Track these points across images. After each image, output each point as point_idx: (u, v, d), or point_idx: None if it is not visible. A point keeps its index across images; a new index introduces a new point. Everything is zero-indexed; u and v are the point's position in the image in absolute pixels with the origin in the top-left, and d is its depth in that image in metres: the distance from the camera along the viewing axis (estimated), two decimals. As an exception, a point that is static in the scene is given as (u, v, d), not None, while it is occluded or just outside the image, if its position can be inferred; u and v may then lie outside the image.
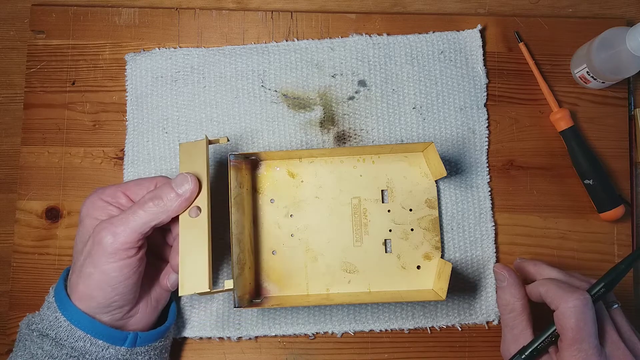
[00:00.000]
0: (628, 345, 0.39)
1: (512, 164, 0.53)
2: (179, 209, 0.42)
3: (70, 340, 0.39)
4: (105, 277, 0.39)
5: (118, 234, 0.39)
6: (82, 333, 0.40)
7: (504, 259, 0.52)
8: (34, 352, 0.39)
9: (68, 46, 0.54)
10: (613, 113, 0.54)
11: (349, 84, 0.53)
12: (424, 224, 0.50)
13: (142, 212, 0.40)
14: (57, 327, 0.40)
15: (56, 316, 0.40)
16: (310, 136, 0.53)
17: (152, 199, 0.41)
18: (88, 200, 0.43)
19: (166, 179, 0.44)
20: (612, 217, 0.51)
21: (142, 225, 0.40)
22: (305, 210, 0.50)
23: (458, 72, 0.53)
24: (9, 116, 0.55)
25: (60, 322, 0.40)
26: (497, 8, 0.56)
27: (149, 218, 0.40)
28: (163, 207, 0.41)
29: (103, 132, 0.53)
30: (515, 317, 0.43)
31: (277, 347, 0.50)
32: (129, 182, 0.44)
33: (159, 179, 0.44)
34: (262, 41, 0.54)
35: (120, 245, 0.39)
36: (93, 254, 0.40)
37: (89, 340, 0.40)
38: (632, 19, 0.56)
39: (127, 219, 0.40)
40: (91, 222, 0.42)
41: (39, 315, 0.41)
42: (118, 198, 0.43)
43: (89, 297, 0.40)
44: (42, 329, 0.40)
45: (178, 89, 0.53)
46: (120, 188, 0.43)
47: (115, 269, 0.39)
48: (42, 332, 0.40)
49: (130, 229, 0.39)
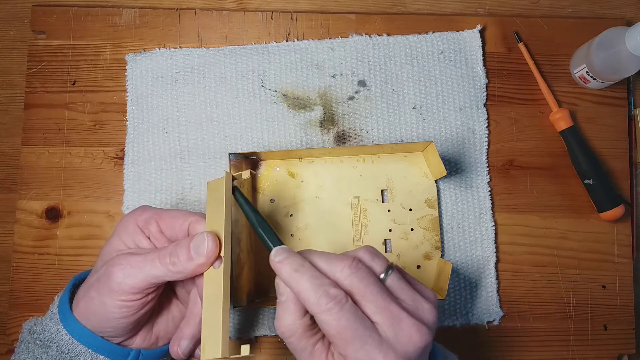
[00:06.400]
0: (411, 311, 0.33)
1: (512, 164, 0.53)
2: (195, 271, 0.38)
3: (71, 354, 0.39)
4: (103, 309, 0.38)
5: (129, 276, 0.37)
6: (83, 348, 0.39)
7: (504, 258, 0.52)
8: (38, 356, 0.39)
9: (68, 46, 0.54)
10: (613, 113, 0.54)
11: (349, 84, 0.53)
12: (424, 223, 0.50)
13: (160, 264, 0.37)
14: (58, 340, 0.39)
15: (58, 329, 0.39)
16: (310, 136, 0.53)
17: (171, 255, 0.38)
18: (125, 218, 0.41)
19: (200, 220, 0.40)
20: (612, 217, 0.51)
21: (155, 277, 0.37)
22: (305, 210, 0.50)
23: (458, 72, 0.53)
24: (9, 116, 0.55)
25: (62, 335, 0.39)
26: (496, 8, 0.57)
27: (164, 273, 0.37)
28: (180, 267, 0.37)
29: (103, 132, 0.53)
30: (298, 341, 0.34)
31: (277, 347, 0.50)
32: (165, 212, 0.41)
33: (193, 219, 0.40)
34: (262, 41, 0.54)
35: (128, 288, 0.37)
36: (101, 282, 0.38)
37: (90, 355, 0.39)
38: (632, 19, 0.56)
39: (144, 265, 0.37)
40: (117, 243, 0.40)
41: (41, 324, 0.41)
42: (150, 226, 0.40)
43: (86, 318, 0.39)
44: (44, 339, 0.40)
45: (178, 89, 0.53)
46: (156, 216, 0.41)
47: (115, 306, 0.38)
48: (44, 342, 0.40)
49: (143, 276, 0.37)
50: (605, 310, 0.52)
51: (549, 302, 0.52)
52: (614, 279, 0.52)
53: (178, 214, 0.41)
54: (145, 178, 0.52)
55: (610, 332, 0.52)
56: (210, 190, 0.41)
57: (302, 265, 0.34)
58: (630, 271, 0.52)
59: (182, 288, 0.44)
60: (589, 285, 0.52)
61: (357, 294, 0.33)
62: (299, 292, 0.33)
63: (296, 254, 0.35)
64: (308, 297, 0.32)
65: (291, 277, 0.33)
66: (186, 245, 0.38)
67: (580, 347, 0.51)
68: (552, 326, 0.51)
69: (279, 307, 0.35)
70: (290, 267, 0.34)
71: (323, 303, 0.32)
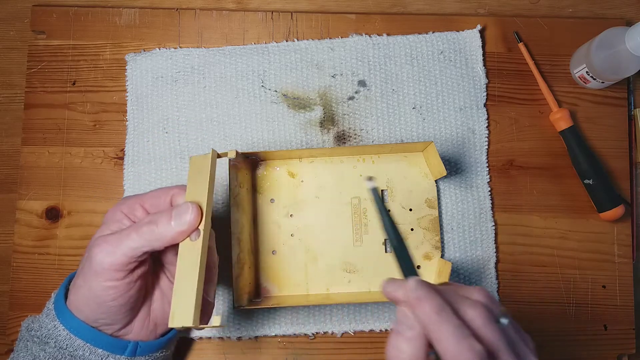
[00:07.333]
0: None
1: (512, 164, 0.53)
2: (174, 238, 0.38)
3: (69, 349, 0.39)
4: (91, 294, 0.38)
5: (108, 254, 0.37)
6: (81, 342, 0.39)
7: (504, 258, 0.52)
8: (36, 353, 0.39)
9: (69, 46, 0.54)
10: (613, 113, 0.54)
11: (349, 84, 0.53)
12: (424, 223, 0.50)
13: (136, 235, 0.37)
14: (56, 336, 0.39)
15: (55, 324, 0.40)
16: (310, 136, 0.53)
17: (149, 224, 0.38)
18: (110, 209, 0.41)
19: (182, 192, 0.41)
20: (612, 217, 0.51)
21: (132, 250, 0.37)
22: (305, 210, 0.50)
23: (458, 72, 0.53)
24: (9, 116, 0.55)
25: (59, 330, 0.39)
26: (496, 8, 0.57)
27: (141, 243, 0.37)
28: (158, 234, 0.38)
29: (103, 132, 0.53)
30: None
31: (277, 347, 0.50)
32: (148, 194, 0.41)
33: (174, 190, 0.41)
34: (262, 41, 0.54)
35: (108, 266, 0.37)
36: (84, 268, 0.38)
37: (88, 349, 0.39)
38: (632, 19, 0.56)
39: (120, 240, 0.37)
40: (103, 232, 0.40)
41: (38, 322, 0.41)
42: (135, 210, 0.41)
43: (78, 309, 0.39)
44: (42, 336, 0.40)
45: (178, 89, 0.53)
46: (139, 200, 0.41)
47: (101, 289, 0.38)
48: (42, 339, 0.40)
49: (121, 252, 0.37)
50: (605, 310, 0.52)
51: (549, 302, 0.52)
52: (614, 279, 0.52)
53: (159, 191, 0.41)
54: (145, 178, 0.52)
55: (610, 332, 0.52)
56: (193, 165, 0.42)
57: (444, 309, 0.31)
58: (630, 271, 0.52)
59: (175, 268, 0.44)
60: (589, 285, 0.52)
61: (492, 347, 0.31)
62: (438, 338, 0.30)
63: (435, 292, 0.32)
64: (448, 346, 0.30)
65: (433, 320, 0.31)
66: (167, 213, 0.38)
67: (580, 347, 0.51)
68: (552, 326, 0.51)
69: (401, 339, 0.32)
70: (432, 308, 0.31)
71: (465, 357, 0.30)
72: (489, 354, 0.30)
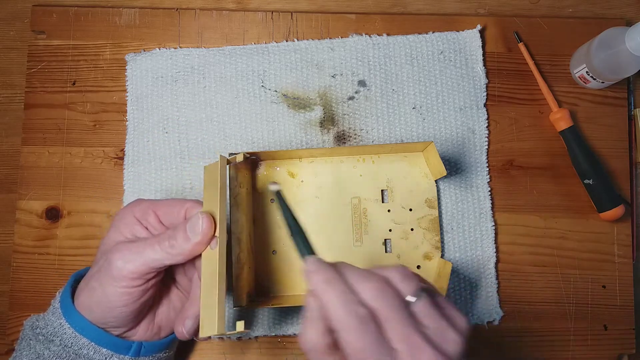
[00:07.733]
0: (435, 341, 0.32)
1: (512, 164, 0.53)
2: (193, 251, 0.39)
3: (74, 347, 0.39)
4: (105, 298, 0.39)
5: (129, 262, 0.38)
6: (86, 341, 0.39)
7: (504, 258, 0.52)
8: (40, 352, 0.39)
9: (69, 46, 0.54)
10: (613, 113, 0.54)
11: (349, 84, 0.53)
12: (424, 223, 0.50)
13: (159, 248, 0.38)
14: (61, 334, 0.40)
15: (60, 323, 0.40)
16: (310, 136, 0.53)
17: (169, 239, 0.39)
18: (122, 210, 0.42)
19: (197, 206, 0.41)
20: (612, 217, 0.51)
21: (154, 261, 0.38)
22: (305, 210, 0.50)
23: (458, 72, 0.53)
24: (9, 116, 0.55)
25: (65, 329, 0.40)
26: (496, 8, 0.57)
27: (163, 257, 0.38)
28: (179, 248, 0.39)
29: (103, 132, 0.53)
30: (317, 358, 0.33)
31: (277, 347, 0.50)
32: (162, 202, 0.42)
33: (189, 204, 0.41)
34: (262, 41, 0.54)
35: (128, 274, 0.38)
36: (102, 271, 0.39)
37: (93, 348, 0.40)
38: (632, 19, 0.56)
39: (144, 250, 0.38)
40: (115, 235, 0.41)
41: (43, 320, 0.41)
42: (148, 216, 0.41)
43: (88, 310, 0.40)
44: (47, 334, 0.40)
45: (178, 89, 0.53)
46: (152, 206, 0.42)
47: (116, 294, 0.38)
48: (47, 337, 0.40)
49: (142, 261, 0.38)
50: (605, 310, 0.52)
51: (549, 302, 0.52)
52: (614, 279, 0.52)
53: (174, 202, 0.42)
54: (145, 178, 0.52)
55: (610, 332, 0.52)
56: (207, 174, 0.42)
57: (334, 278, 0.33)
58: (630, 271, 0.52)
59: (183, 276, 0.45)
60: (589, 285, 0.52)
61: (381, 317, 0.32)
62: (326, 304, 0.32)
63: (329, 266, 0.34)
64: (335, 311, 0.31)
65: (321, 288, 0.32)
66: (183, 227, 0.39)
67: (580, 347, 0.51)
68: (552, 326, 0.51)
69: (305, 322, 0.33)
70: (322, 278, 0.33)
71: (348, 320, 0.31)
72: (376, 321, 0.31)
